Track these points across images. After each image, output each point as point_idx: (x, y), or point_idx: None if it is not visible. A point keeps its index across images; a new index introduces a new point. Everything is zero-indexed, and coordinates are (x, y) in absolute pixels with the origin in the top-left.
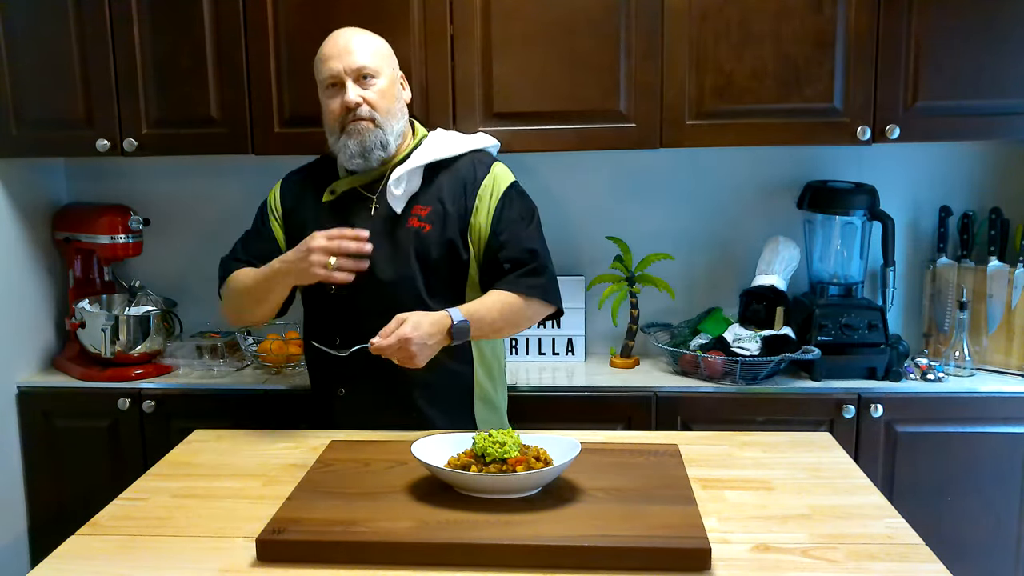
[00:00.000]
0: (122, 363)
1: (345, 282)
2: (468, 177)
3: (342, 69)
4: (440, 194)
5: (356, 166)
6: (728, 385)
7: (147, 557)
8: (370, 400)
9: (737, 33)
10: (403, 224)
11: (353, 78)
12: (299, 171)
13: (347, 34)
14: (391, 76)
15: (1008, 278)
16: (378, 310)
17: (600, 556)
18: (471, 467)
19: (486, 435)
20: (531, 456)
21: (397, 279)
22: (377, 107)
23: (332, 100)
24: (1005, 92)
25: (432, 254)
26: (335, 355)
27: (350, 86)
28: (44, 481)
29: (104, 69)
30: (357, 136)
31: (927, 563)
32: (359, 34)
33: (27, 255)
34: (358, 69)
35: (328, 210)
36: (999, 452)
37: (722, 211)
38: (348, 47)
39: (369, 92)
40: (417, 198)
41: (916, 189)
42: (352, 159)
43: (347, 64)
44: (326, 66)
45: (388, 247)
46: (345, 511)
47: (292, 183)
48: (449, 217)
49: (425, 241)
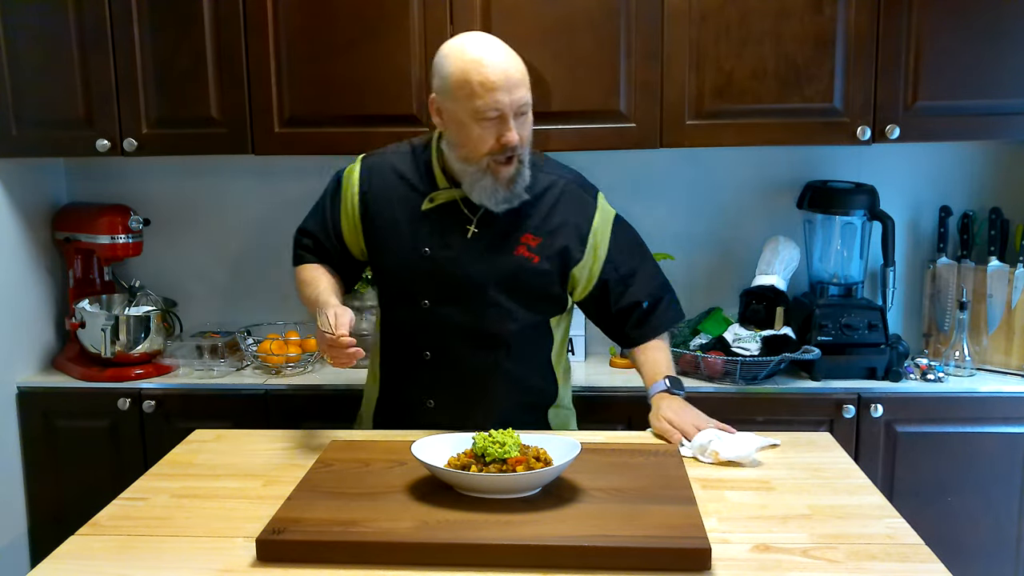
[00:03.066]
0: (122, 363)
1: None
2: (578, 213)
3: (508, 103)
4: (551, 226)
5: (499, 209)
6: (728, 385)
7: (147, 557)
8: (456, 413)
9: (737, 33)
10: (510, 250)
11: (514, 113)
12: (380, 153)
13: (502, 56)
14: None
15: (1008, 278)
16: (467, 328)
17: (600, 556)
18: (471, 467)
19: (486, 435)
20: (531, 456)
21: (493, 303)
22: (524, 140)
23: (487, 132)
24: (1005, 92)
25: (533, 284)
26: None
27: (513, 123)
28: (44, 481)
29: (104, 69)
30: (506, 182)
31: (927, 563)
32: (514, 58)
33: (27, 255)
34: (523, 104)
35: (426, 219)
36: (999, 452)
37: (722, 211)
38: (516, 79)
39: (523, 128)
40: (527, 223)
41: (916, 189)
42: (498, 204)
43: (514, 99)
44: (491, 97)
45: (487, 268)
46: (345, 511)
47: (374, 168)
48: (558, 254)
49: (529, 272)
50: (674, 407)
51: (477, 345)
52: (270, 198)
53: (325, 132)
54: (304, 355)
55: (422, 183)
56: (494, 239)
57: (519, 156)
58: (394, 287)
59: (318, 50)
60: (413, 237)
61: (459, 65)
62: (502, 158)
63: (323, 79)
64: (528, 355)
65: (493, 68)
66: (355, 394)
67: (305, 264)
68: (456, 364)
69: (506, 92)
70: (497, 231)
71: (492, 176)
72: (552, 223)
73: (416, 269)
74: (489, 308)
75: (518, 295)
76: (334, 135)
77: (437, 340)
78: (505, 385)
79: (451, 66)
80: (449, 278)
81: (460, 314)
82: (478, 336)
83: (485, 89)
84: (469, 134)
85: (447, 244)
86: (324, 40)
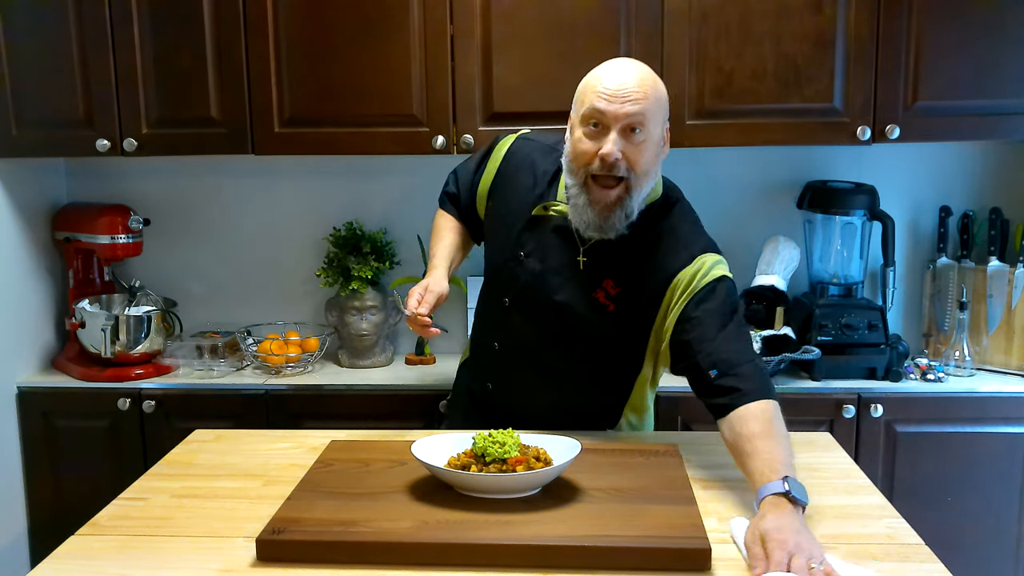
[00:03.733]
0: (122, 363)
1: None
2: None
3: (613, 114)
4: (636, 276)
5: (588, 234)
6: None
7: (147, 557)
8: (514, 400)
9: (737, 33)
10: (592, 288)
11: (620, 128)
12: (532, 143)
13: (631, 72)
14: (661, 134)
15: (1008, 278)
16: (534, 339)
17: (600, 556)
18: (471, 467)
19: (486, 435)
20: (531, 456)
21: (559, 330)
22: (635, 165)
23: (588, 140)
24: (1005, 92)
25: (604, 330)
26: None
27: (613, 136)
28: (44, 481)
29: (104, 69)
30: (603, 209)
31: (927, 563)
32: (643, 75)
33: (27, 255)
34: (632, 123)
35: (534, 227)
36: (999, 452)
37: (722, 211)
38: (631, 93)
39: (632, 146)
40: (616, 268)
41: (916, 189)
42: (587, 229)
43: (621, 111)
44: (598, 102)
45: (566, 298)
46: (345, 511)
47: (520, 154)
48: (635, 302)
49: (603, 318)
50: (782, 522)
51: (541, 361)
52: (270, 198)
53: (325, 132)
54: (304, 355)
55: (548, 187)
56: (589, 273)
57: (622, 175)
58: (490, 271)
59: (318, 50)
60: (517, 236)
61: (593, 74)
62: (600, 174)
63: (323, 79)
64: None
65: (611, 78)
66: (355, 394)
67: (443, 211)
68: (519, 366)
69: (614, 103)
70: (595, 266)
71: (587, 195)
72: (637, 275)
73: (507, 268)
74: (556, 336)
75: (585, 337)
76: (334, 135)
77: (507, 338)
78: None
79: (588, 76)
80: (529, 290)
81: (530, 327)
82: (543, 354)
83: (595, 94)
84: (574, 140)
85: (543, 259)
86: (324, 40)
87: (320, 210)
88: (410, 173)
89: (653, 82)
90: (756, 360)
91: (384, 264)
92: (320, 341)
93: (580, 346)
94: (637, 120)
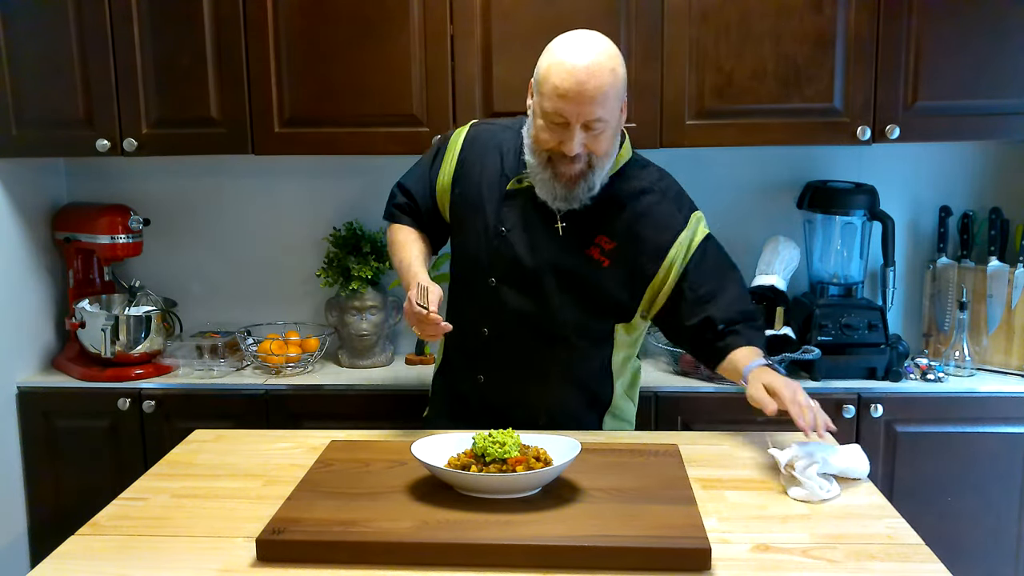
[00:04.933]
0: (122, 363)
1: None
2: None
3: (575, 114)
4: (632, 233)
5: (555, 206)
6: (728, 385)
7: (147, 557)
8: (504, 392)
9: (737, 33)
10: (583, 247)
11: (583, 125)
12: (490, 127)
13: (590, 70)
14: (620, 115)
15: (1008, 278)
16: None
17: (600, 556)
18: (471, 467)
19: (486, 435)
20: (531, 456)
21: (555, 294)
22: (596, 151)
23: (550, 132)
24: (1005, 92)
25: (603, 289)
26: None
27: (577, 135)
28: (44, 481)
29: (104, 69)
30: (567, 181)
31: (927, 563)
32: (601, 71)
33: (27, 255)
34: (593, 120)
35: (512, 200)
36: (999, 452)
37: (722, 211)
38: (590, 94)
39: (593, 138)
40: (607, 226)
41: (916, 189)
42: (555, 201)
43: (583, 112)
44: (559, 103)
45: (557, 261)
46: (345, 511)
47: (480, 139)
48: (631, 264)
49: (599, 275)
50: (774, 377)
51: (535, 332)
52: (270, 198)
53: (325, 132)
54: (304, 355)
55: (517, 163)
56: (574, 235)
57: (584, 162)
58: (467, 260)
59: (318, 50)
60: (495, 214)
61: (548, 61)
62: (564, 159)
63: (323, 79)
64: (585, 355)
65: (569, 77)
66: (355, 394)
67: (398, 224)
68: (512, 346)
69: (574, 104)
70: (579, 228)
71: (551, 171)
72: (632, 232)
73: (490, 246)
74: (551, 299)
75: (581, 293)
76: (334, 135)
77: (497, 319)
78: (557, 376)
79: (544, 60)
80: (519, 262)
81: (522, 299)
82: (537, 323)
83: (556, 94)
84: (537, 128)
85: (526, 229)
86: (324, 40)
87: (320, 210)
88: None
89: (613, 76)
90: (756, 315)
91: (384, 264)
92: (320, 341)
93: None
94: (597, 119)
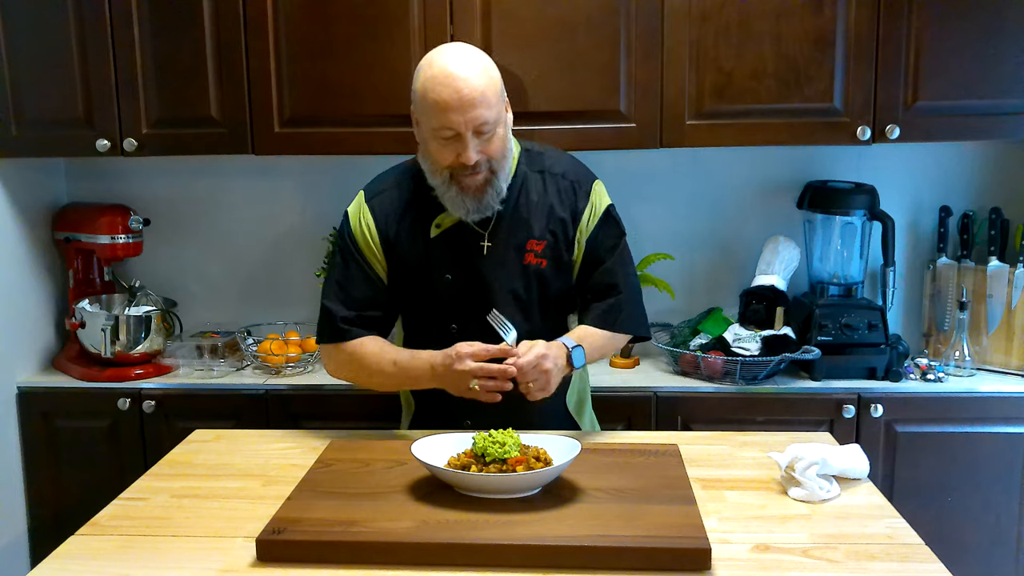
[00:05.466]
0: (122, 363)
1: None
2: (568, 209)
3: (463, 123)
4: (550, 223)
5: (471, 219)
6: (728, 385)
7: (147, 557)
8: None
9: (737, 33)
10: (520, 261)
11: (473, 131)
12: (383, 189)
13: (464, 74)
14: (505, 115)
15: (1008, 278)
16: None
17: (600, 556)
18: (471, 467)
19: (486, 435)
20: (531, 456)
21: (518, 315)
22: (494, 156)
23: (444, 149)
24: (1005, 92)
25: (551, 289)
26: None
27: (471, 142)
28: (44, 481)
29: (104, 69)
30: (474, 193)
31: (927, 563)
32: (475, 74)
33: (27, 255)
34: (481, 124)
35: (437, 246)
36: (999, 452)
37: (722, 211)
38: (470, 97)
39: (487, 142)
40: (528, 228)
41: (916, 189)
42: (468, 215)
43: (469, 118)
44: (445, 117)
45: (508, 283)
46: (345, 511)
47: (384, 207)
48: (560, 249)
49: (544, 277)
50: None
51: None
52: (270, 198)
53: (325, 132)
54: (304, 355)
55: (429, 208)
56: (507, 251)
57: (485, 169)
58: (420, 315)
59: (318, 50)
60: (432, 265)
61: (422, 81)
62: (465, 173)
63: (323, 79)
64: None
65: (447, 88)
66: (355, 394)
67: (359, 341)
68: None
69: (459, 113)
70: (508, 242)
71: (457, 187)
72: (551, 223)
73: (441, 296)
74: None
75: (540, 302)
76: (334, 135)
77: None
78: None
79: (417, 81)
80: (474, 300)
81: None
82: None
83: (439, 109)
84: (430, 150)
85: (466, 266)
86: (324, 40)
87: (320, 210)
88: None
89: (488, 77)
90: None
91: None
92: None
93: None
94: (485, 122)
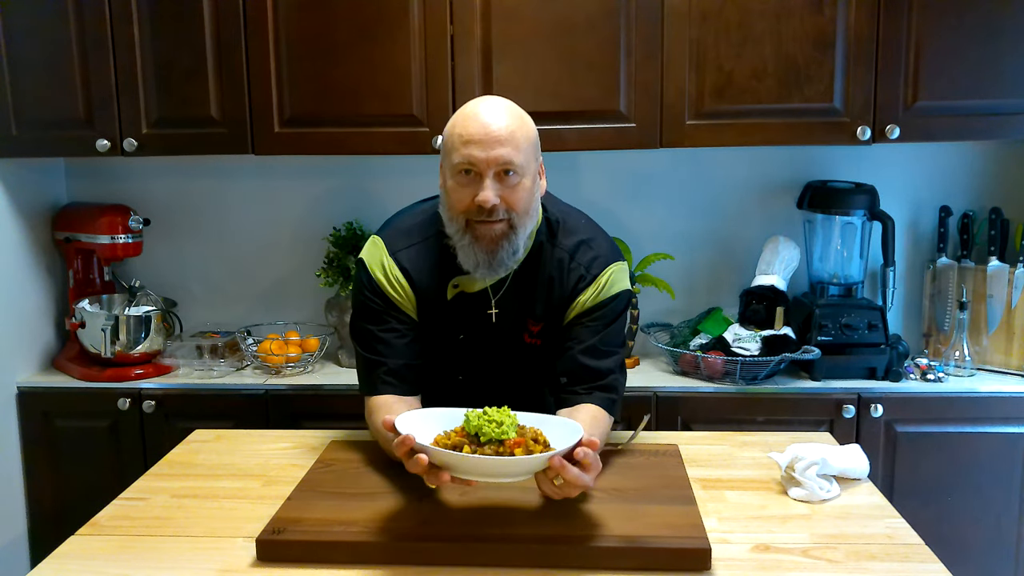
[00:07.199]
0: (122, 363)
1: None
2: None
3: (484, 160)
4: (552, 312)
5: (479, 275)
6: (728, 385)
7: (147, 557)
8: None
9: (737, 33)
10: (520, 336)
11: (494, 172)
12: (409, 242)
13: (494, 113)
14: (535, 170)
15: (1008, 278)
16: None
17: (600, 556)
18: (463, 447)
19: (480, 412)
20: (529, 438)
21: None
22: (514, 206)
23: (462, 188)
24: (1005, 92)
25: (544, 364)
26: None
27: (490, 183)
28: (44, 481)
29: (104, 69)
30: (488, 244)
31: (927, 563)
32: (507, 116)
33: (27, 255)
34: (505, 164)
35: (450, 309)
36: (999, 452)
37: (722, 211)
38: (497, 135)
39: (508, 189)
40: (531, 308)
41: (916, 189)
42: (477, 268)
43: (493, 156)
44: (466, 151)
45: (509, 351)
46: (345, 511)
47: (413, 260)
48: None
49: (540, 355)
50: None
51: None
52: (270, 198)
53: (325, 132)
54: (304, 355)
55: (447, 262)
56: (511, 324)
57: (503, 218)
58: (433, 356)
59: (318, 50)
60: (448, 322)
61: (451, 121)
62: (480, 217)
63: (323, 79)
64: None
65: (475, 122)
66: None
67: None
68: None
69: (482, 148)
70: (512, 316)
71: (471, 236)
72: (552, 310)
73: (453, 351)
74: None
75: (535, 373)
76: (334, 135)
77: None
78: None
79: (449, 123)
80: (482, 358)
81: (493, 385)
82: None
83: (462, 142)
84: (448, 190)
85: (476, 328)
86: (324, 40)
87: (320, 210)
88: (410, 173)
89: (521, 121)
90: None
91: None
92: (320, 341)
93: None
94: (509, 162)
